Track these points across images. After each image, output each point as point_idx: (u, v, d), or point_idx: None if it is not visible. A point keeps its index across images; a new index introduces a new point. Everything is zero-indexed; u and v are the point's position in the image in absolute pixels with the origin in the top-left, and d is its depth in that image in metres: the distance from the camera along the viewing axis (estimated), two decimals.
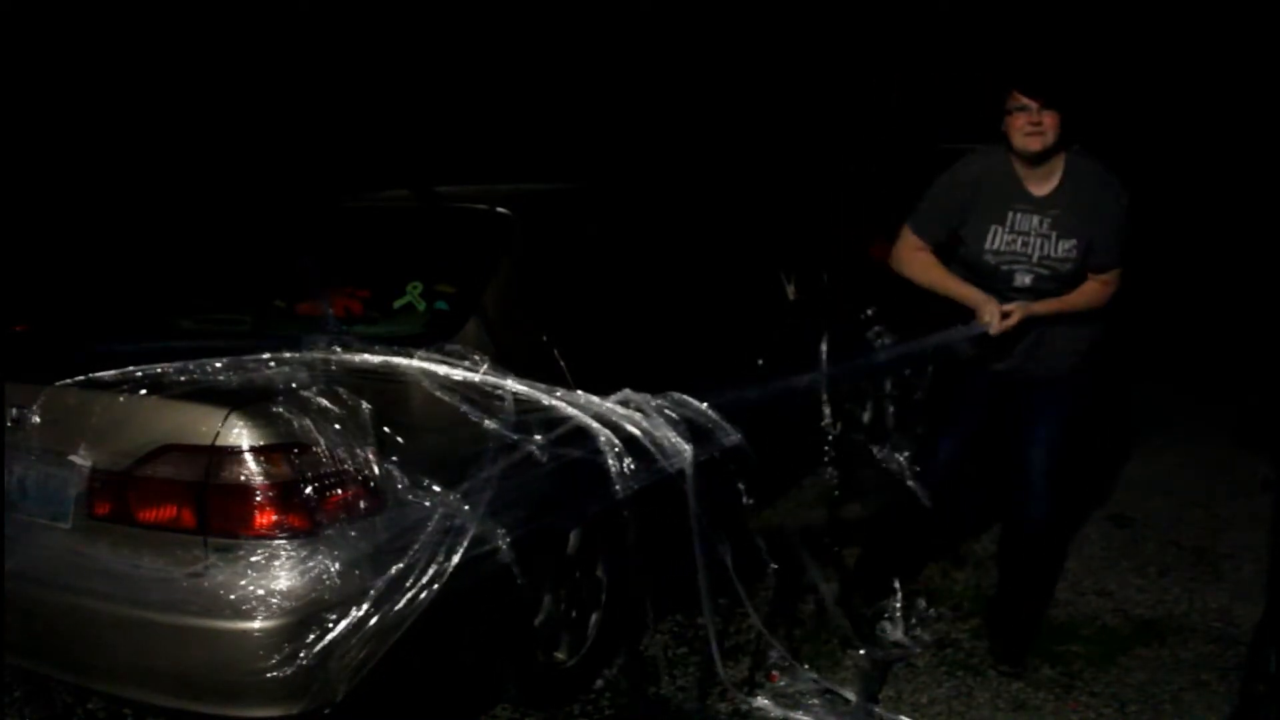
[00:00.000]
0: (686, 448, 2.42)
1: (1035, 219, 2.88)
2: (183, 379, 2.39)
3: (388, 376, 2.53)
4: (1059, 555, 3.19)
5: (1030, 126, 2.79)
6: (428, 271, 3.08)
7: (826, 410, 4.23)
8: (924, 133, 10.01)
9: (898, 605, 3.33)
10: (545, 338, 2.98)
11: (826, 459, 4.23)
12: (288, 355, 2.52)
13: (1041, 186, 2.90)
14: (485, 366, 2.53)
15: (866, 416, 5.09)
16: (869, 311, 4.82)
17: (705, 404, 2.53)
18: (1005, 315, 2.87)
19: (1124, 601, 3.57)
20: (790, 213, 7.13)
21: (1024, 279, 2.92)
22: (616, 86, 10.73)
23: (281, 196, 5.90)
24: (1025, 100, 2.79)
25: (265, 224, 3.98)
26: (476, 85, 9.95)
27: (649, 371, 3.32)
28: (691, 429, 2.48)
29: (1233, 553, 3.99)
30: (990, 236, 2.93)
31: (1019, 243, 2.90)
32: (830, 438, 4.21)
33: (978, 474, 3.37)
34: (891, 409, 4.89)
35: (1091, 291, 2.92)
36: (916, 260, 3.04)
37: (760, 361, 4.07)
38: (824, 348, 4.24)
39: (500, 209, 3.28)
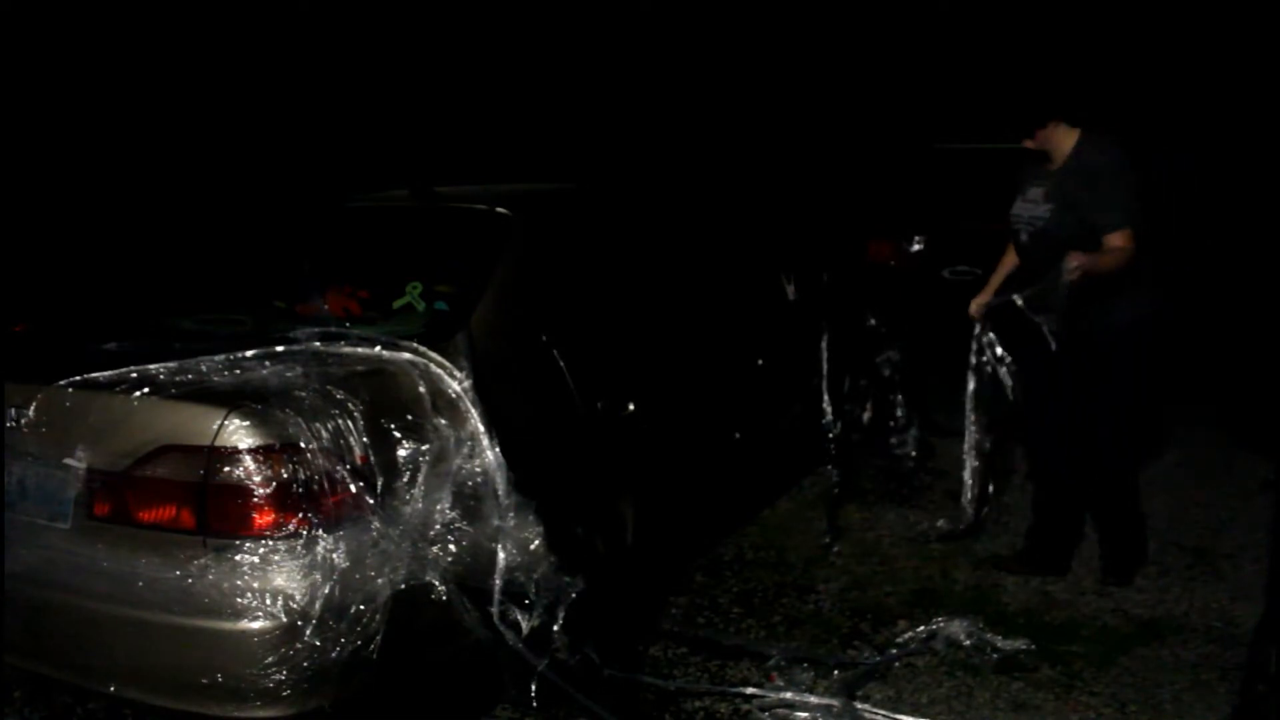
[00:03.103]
0: None
1: (1038, 189, 3.55)
2: (178, 379, 2.39)
3: (383, 372, 2.53)
4: (1133, 495, 3.70)
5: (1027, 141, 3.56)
6: (427, 272, 3.08)
7: (827, 409, 4.24)
8: (924, 133, 10.01)
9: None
10: (545, 338, 2.98)
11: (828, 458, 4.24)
12: (281, 350, 2.52)
13: (1054, 166, 3.53)
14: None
15: (866, 416, 5.09)
16: (872, 320, 4.84)
17: None
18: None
19: (1124, 601, 3.57)
20: (790, 213, 7.13)
21: (1023, 236, 3.60)
22: (617, 86, 10.73)
23: (282, 196, 5.91)
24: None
25: (266, 224, 3.98)
26: (477, 85, 9.95)
27: (648, 371, 3.34)
28: None
29: (1233, 553, 3.98)
30: (1012, 206, 3.66)
31: (1019, 206, 3.62)
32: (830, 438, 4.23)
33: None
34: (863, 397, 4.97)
35: (1110, 252, 3.32)
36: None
37: (760, 361, 4.07)
38: (824, 347, 4.27)
39: (500, 209, 3.28)
